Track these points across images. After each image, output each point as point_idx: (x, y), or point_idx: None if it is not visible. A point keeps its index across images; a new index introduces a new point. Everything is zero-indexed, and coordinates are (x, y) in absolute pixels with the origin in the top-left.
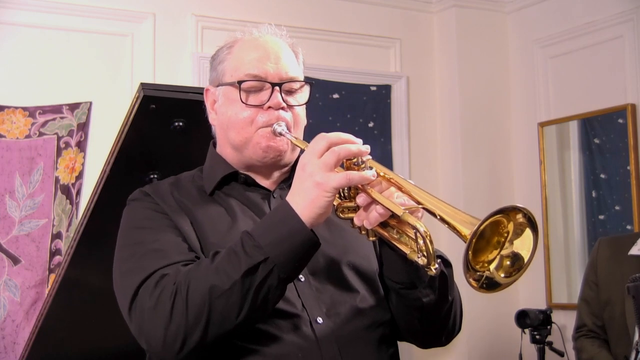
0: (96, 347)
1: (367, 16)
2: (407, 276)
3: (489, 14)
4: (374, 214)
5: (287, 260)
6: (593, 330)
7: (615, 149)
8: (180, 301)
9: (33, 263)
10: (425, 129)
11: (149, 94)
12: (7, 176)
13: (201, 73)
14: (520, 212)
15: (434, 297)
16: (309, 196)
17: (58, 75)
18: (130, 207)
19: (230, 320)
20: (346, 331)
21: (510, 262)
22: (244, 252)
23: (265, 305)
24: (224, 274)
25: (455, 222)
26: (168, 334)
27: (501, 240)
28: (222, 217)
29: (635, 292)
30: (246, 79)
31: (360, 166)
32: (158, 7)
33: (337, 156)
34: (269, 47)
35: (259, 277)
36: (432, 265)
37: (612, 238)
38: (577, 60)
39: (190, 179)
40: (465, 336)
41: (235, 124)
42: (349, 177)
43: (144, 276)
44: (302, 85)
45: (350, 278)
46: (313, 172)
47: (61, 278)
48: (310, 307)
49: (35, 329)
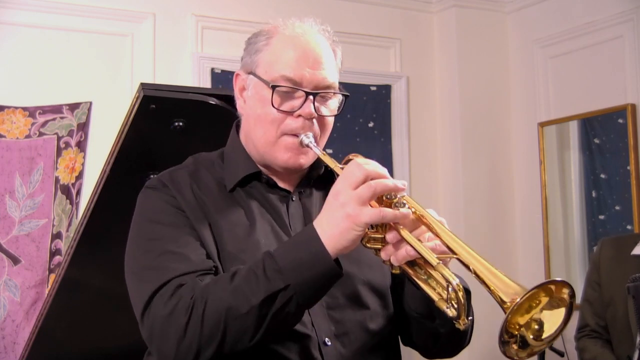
0: (96, 347)
1: (367, 16)
2: (427, 308)
3: (489, 14)
4: (402, 253)
5: (307, 289)
6: (595, 331)
7: (615, 149)
8: (196, 317)
9: (33, 263)
10: (425, 129)
11: (149, 94)
12: (7, 176)
13: (201, 73)
14: (567, 288)
15: (450, 327)
16: (339, 227)
17: (58, 75)
18: (147, 195)
19: (244, 342)
20: (353, 353)
21: (539, 327)
22: (264, 276)
23: (281, 329)
24: (242, 297)
25: (495, 286)
26: (181, 347)
27: (532, 306)
28: (241, 220)
29: (635, 292)
30: (281, 82)
31: (394, 201)
32: (158, 7)
33: (374, 191)
34: (309, 48)
35: (278, 304)
36: (461, 320)
37: (615, 238)
38: (577, 60)
39: (209, 164)
40: None
41: (262, 124)
42: (383, 215)
43: (160, 282)
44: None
45: (363, 293)
46: (346, 204)
47: (61, 278)
48: (319, 326)
49: (35, 329)
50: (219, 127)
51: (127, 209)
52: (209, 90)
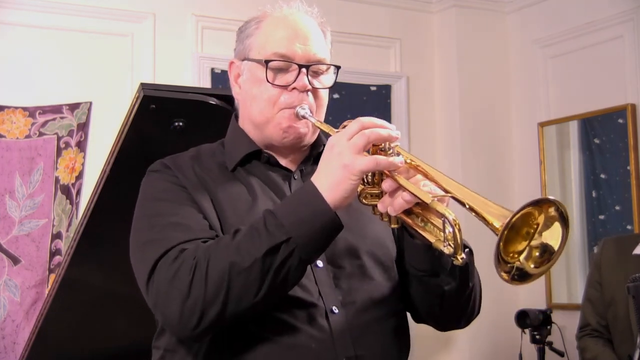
0: (96, 347)
1: (367, 16)
2: (429, 264)
3: (489, 14)
4: (399, 201)
5: (309, 242)
6: (597, 330)
7: (615, 149)
8: (199, 276)
9: (33, 263)
10: (425, 129)
11: (149, 94)
12: (7, 176)
13: (201, 73)
14: (553, 205)
15: (455, 285)
16: (335, 178)
17: (58, 75)
18: (150, 178)
19: (248, 298)
20: (361, 322)
21: (539, 253)
22: (266, 231)
23: (284, 285)
24: (245, 252)
25: (486, 213)
26: (185, 308)
27: (530, 231)
28: (243, 196)
29: (635, 292)
30: (273, 58)
31: (388, 152)
32: (158, 7)
33: (367, 139)
34: (298, 27)
35: (280, 257)
36: (458, 255)
37: (616, 238)
38: (577, 60)
39: (210, 153)
40: (466, 336)
41: (259, 102)
42: (377, 162)
43: (163, 249)
44: (328, 68)
45: (368, 265)
46: (341, 153)
47: (61, 278)
48: (326, 295)
49: (35, 329)
50: (219, 127)
51: (127, 208)
52: (209, 90)
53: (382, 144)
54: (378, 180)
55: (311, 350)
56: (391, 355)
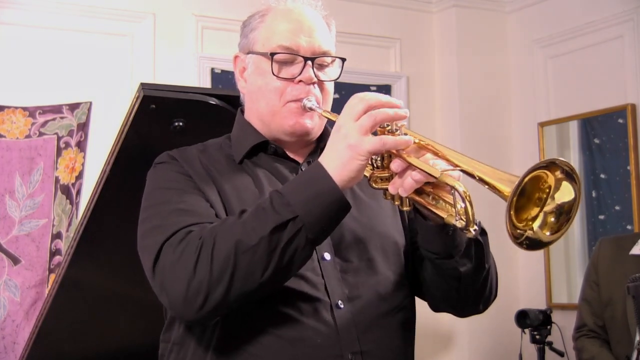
0: (96, 347)
1: (367, 16)
2: (443, 246)
3: (489, 14)
4: (409, 181)
5: (316, 221)
6: (594, 330)
7: (615, 149)
8: (205, 255)
9: (33, 263)
10: (425, 129)
11: (149, 94)
12: (7, 176)
13: (201, 73)
14: (558, 168)
15: (471, 266)
16: (342, 158)
17: (58, 75)
18: (156, 169)
19: (255, 278)
20: (366, 316)
21: (555, 218)
22: (272, 209)
23: (290, 266)
24: (251, 230)
25: (495, 181)
26: (190, 288)
27: (543, 197)
28: (249, 187)
29: (635, 292)
30: (278, 51)
31: (395, 133)
32: (158, 7)
33: (374, 120)
34: (302, 19)
35: (287, 235)
36: (470, 227)
37: (614, 238)
38: (577, 60)
39: (217, 146)
40: (465, 336)
41: (265, 95)
42: (384, 142)
43: (169, 233)
44: (334, 60)
45: (375, 258)
46: (348, 135)
47: (61, 278)
48: (332, 289)
49: (35, 329)
50: (219, 127)
51: (127, 208)
52: (209, 90)
53: (388, 126)
54: (387, 164)
55: (316, 344)
56: (397, 351)
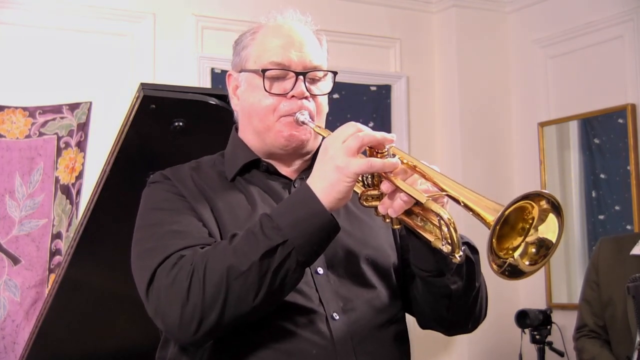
0: (96, 347)
1: (367, 16)
2: (434, 264)
3: (489, 14)
4: (398, 202)
5: (305, 243)
6: (594, 331)
7: (615, 149)
8: (197, 281)
9: (33, 263)
10: (425, 129)
11: (149, 94)
12: (7, 176)
13: (201, 73)
14: (543, 199)
15: (461, 284)
16: (329, 180)
17: (58, 75)
18: (150, 189)
19: (247, 302)
20: (362, 328)
21: (536, 249)
22: (262, 234)
23: (283, 288)
24: (242, 255)
25: (480, 208)
26: (184, 313)
27: (526, 227)
28: (242, 204)
29: (635, 292)
30: (270, 67)
31: (384, 154)
32: (158, 7)
33: (361, 141)
34: (293, 35)
35: (277, 259)
36: (456, 253)
37: (614, 238)
38: (577, 60)
39: (211, 163)
40: (465, 336)
41: (258, 112)
42: (371, 164)
43: (162, 257)
44: (326, 74)
45: (367, 272)
46: (335, 156)
47: (61, 278)
48: (327, 301)
49: (35, 329)
50: (219, 127)
51: (127, 208)
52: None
53: (377, 147)
54: (378, 182)
55: (312, 356)
56: None
